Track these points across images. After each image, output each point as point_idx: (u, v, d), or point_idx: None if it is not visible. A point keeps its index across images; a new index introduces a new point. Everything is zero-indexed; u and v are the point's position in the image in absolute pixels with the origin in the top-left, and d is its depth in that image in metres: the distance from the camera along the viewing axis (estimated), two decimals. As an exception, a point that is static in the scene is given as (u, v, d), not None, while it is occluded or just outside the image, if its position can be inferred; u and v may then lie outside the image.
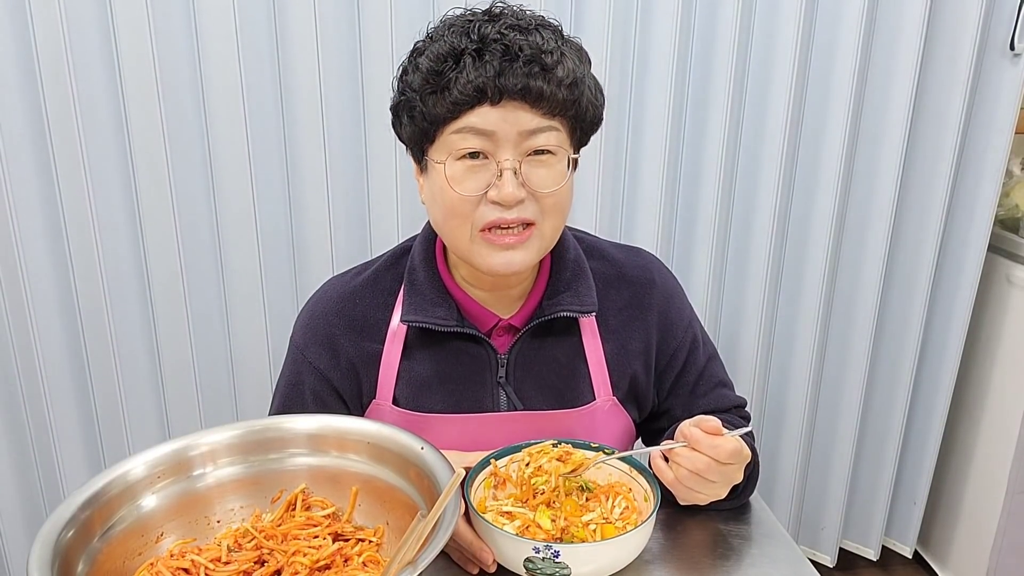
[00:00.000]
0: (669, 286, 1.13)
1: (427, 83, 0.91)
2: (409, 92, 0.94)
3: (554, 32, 0.95)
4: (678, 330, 1.11)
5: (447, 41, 0.91)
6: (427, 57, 0.92)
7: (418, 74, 0.92)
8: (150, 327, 1.65)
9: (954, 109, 1.68)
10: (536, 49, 0.89)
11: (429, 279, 1.05)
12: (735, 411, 1.15)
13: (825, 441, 1.97)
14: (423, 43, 0.95)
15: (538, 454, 0.97)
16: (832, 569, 2.07)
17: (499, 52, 0.89)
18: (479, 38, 0.90)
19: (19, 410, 1.64)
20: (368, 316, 1.07)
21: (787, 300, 1.85)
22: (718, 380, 1.14)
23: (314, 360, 1.07)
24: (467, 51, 0.89)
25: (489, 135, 0.91)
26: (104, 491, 0.85)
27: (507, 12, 0.94)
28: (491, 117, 0.90)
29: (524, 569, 0.87)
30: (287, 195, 1.61)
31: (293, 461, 0.96)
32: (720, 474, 0.91)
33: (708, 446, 0.90)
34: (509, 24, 0.91)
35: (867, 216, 1.77)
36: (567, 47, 0.94)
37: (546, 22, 0.96)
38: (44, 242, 1.55)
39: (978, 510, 1.94)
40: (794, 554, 0.99)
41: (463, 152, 0.92)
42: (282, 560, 0.87)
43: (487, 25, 0.91)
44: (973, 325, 1.85)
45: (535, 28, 0.92)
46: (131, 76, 1.48)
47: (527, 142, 0.92)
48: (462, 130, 0.91)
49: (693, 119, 1.70)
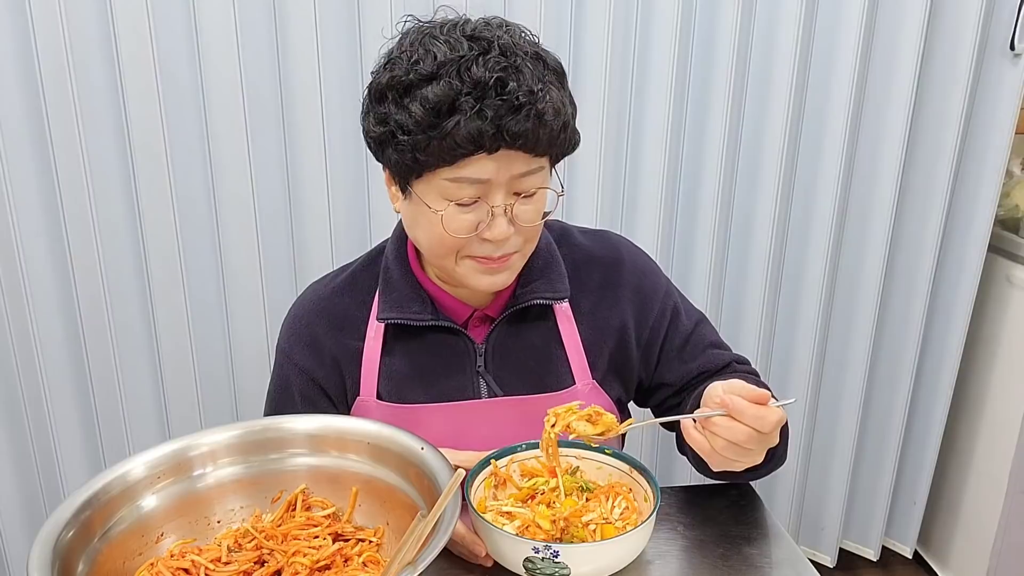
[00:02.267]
0: (640, 262, 1.14)
1: (420, 129, 0.88)
2: (396, 129, 0.90)
3: (535, 59, 0.91)
4: (654, 301, 1.12)
5: (439, 83, 0.87)
6: (418, 102, 0.87)
7: (407, 115, 0.88)
8: (150, 327, 1.65)
9: (954, 109, 1.67)
10: (528, 91, 0.87)
11: (403, 276, 1.07)
12: (738, 367, 1.13)
13: (825, 441, 1.97)
14: (404, 73, 0.89)
15: (566, 413, 0.94)
16: (832, 569, 2.07)
17: (496, 101, 0.86)
18: (473, 83, 0.86)
19: (19, 410, 1.64)
20: (348, 314, 1.09)
21: (787, 300, 1.85)
22: (708, 342, 1.14)
23: (300, 362, 1.09)
24: (462, 97, 0.86)
25: (484, 183, 0.91)
26: (104, 491, 0.85)
27: (492, 38, 0.90)
28: (488, 166, 0.90)
29: (524, 569, 0.87)
30: (287, 195, 1.61)
31: (293, 461, 0.96)
32: (760, 442, 0.86)
33: (752, 416, 0.84)
34: (498, 62, 0.87)
35: (867, 216, 1.77)
36: (549, 74, 0.92)
37: (525, 44, 0.92)
38: (44, 242, 1.55)
39: (978, 510, 1.94)
40: (794, 554, 0.99)
41: (459, 200, 0.92)
42: (282, 560, 0.87)
43: (478, 63, 0.87)
44: (973, 325, 1.85)
45: (522, 61, 0.89)
46: (131, 76, 1.48)
47: (518, 184, 0.93)
48: (458, 179, 0.90)
49: (693, 119, 1.70)
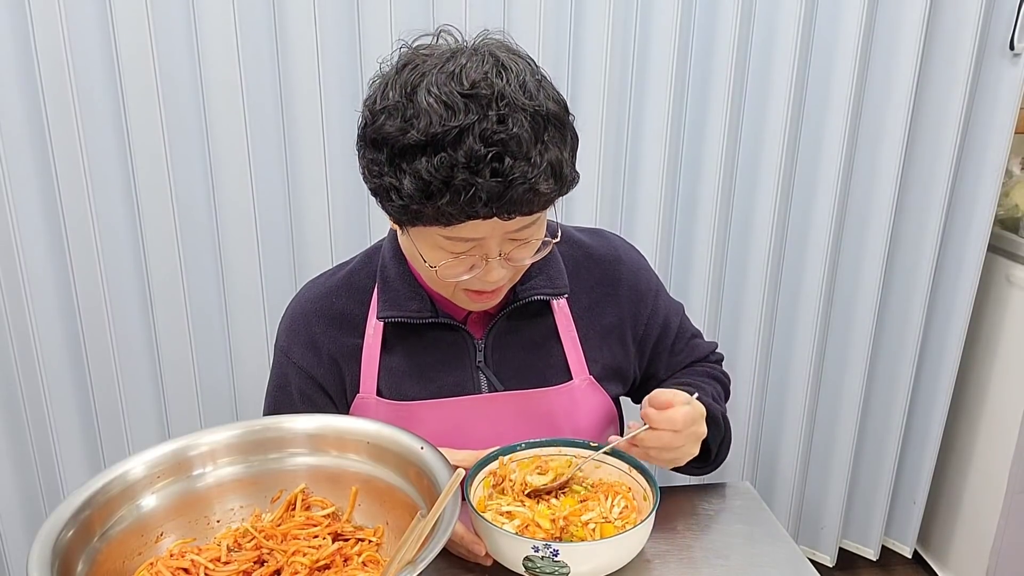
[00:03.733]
0: (634, 260, 1.16)
1: (412, 201, 0.85)
2: (389, 189, 0.88)
3: (533, 117, 0.85)
4: (648, 299, 1.14)
5: (432, 156, 0.83)
6: (411, 176, 0.84)
7: (400, 183, 0.86)
8: (150, 327, 1.65)
9: (954, 109, 1.67)
10: (524, 163, 0.84)
11: (400, 275, 1.07)
12: (712, 356, 1.24)
13: (825, 441, 1.97)
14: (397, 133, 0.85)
15: (519, 467, 0.99)
16: (832, 569, 2.07)
17: (491, 182, 0.83)
18: (467, 155, 0.82)
19: (19, 410, 1.64)
20: (346, 312, 1.09)
21: (787, 300, 1.85)
22: (690, 333, 1.21)
23: (298, 360, 1.09)
24: (456, 172, 0.83)
25: (478, 240, 0.90)
26: (104, 491, 0.85)
27: (491, 94, 0.84)
28: (482, 228, 0.88)
29: (523, 568, 0.87)
30: (287, 195, 1.61)
31: (293, 461, 0.96)
32: (683, 438, 0.96)
33: (663, 420, 0.95)
34: (495, 131, 0.83)
35: (867, 216, 1.77)
36: (549, 130, 0.87)
37: (524, 94, 0.85)
38: (44, 242, 1.55)
39: (978, 510, 1.94)
40: (794, 554, 0.99)
41: (454, 252, 0.92)
42: (282, 560, 0.87)
43: (472, 134, 0.82)
44: (973, 325, 1.85)
45: (519, 126, 0.84)
46: (131, 76, 1.48)
47: (514, 235, 0.92)
48: (452, 238, 0.90)
49: (693, 119, 1.70)
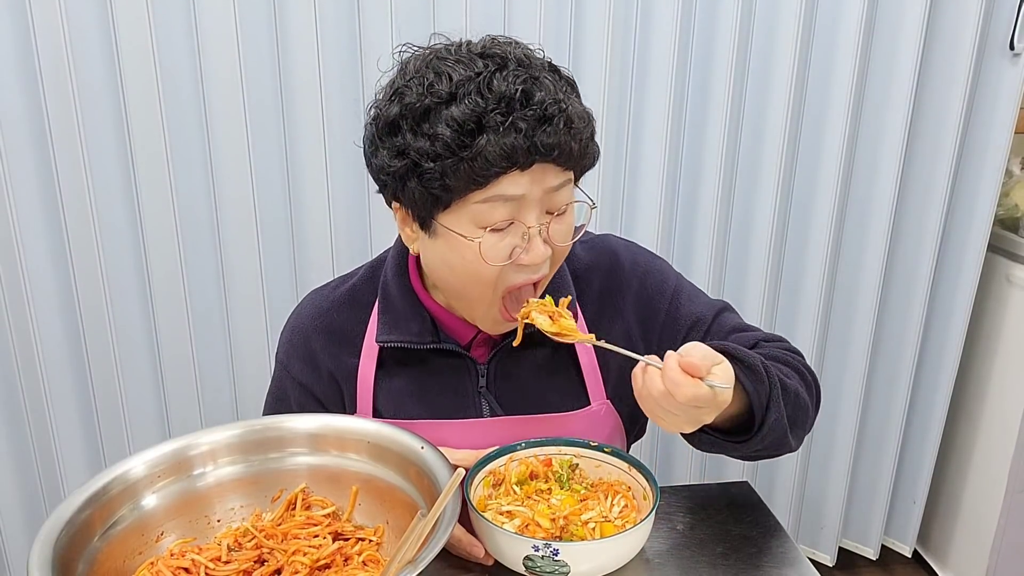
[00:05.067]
0: (640, 263, 1.08)
1: (449, 152, 0.83)
2: (419, 159, 0.84)
3: (552, 71, 0.88)
4: (660, 302, 1.06)
5: (461, 102, 0.83)
6: (443, 123, 0.83)
7: (431, 141, 0.83)
8: (150, 326, 1.65)
9: (954, 109, 1.67)
10: (555, 101, 0.84)
11: (403, 295, 1.02)
12: (765, 344, 1.03)
13: (825, 441, 1.97)
14: (418, 98, 0.84)
15: (537, 305, 0.93)
16: (832, 568, 2.07)
17: (525, 113, 0.82)
18: (498, 98, 0.82)
19: (19, 410, 1.64)
20: (346, 330, 1.05)
21: (787, 300, 1.85)
22: (729, 328, 1.05)
23: (297, 375, 1.07)
24: (489, 114, 0.82)
25: (518, 199, 0.86)
26: (104, 491, 0.85)
27: (505, 54, 0.86)
28: (521, 182, 0.85)
29: (523, 567, 0.87)
30: (287, 195, 1.61)
31: (293, 460, 0.96)
32: (680, 409, 0.81)
33: (669, 378, 0.79)
34: (517, 74, 0.84)
35: (867, 216, 1.77)
36: (567, 86, 0.89)
37: (541, 61, 0.89)
38: (44, 242, 1.55)
39: (978, 510, 1.94)
40: (794, 553, 0.99)
41: (493, 224, 0.87)
42: (282, 559, 0.87)
43: (497, 77, 0.84)
44: (973, 325, 1.85)
45: (541, 73, 0.86)
46: (131, 75, 1.48)
47: (550, 201, 0.89)
48: (491, 199, 0.85)
49: (693, 119, 1.70)
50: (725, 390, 0.81)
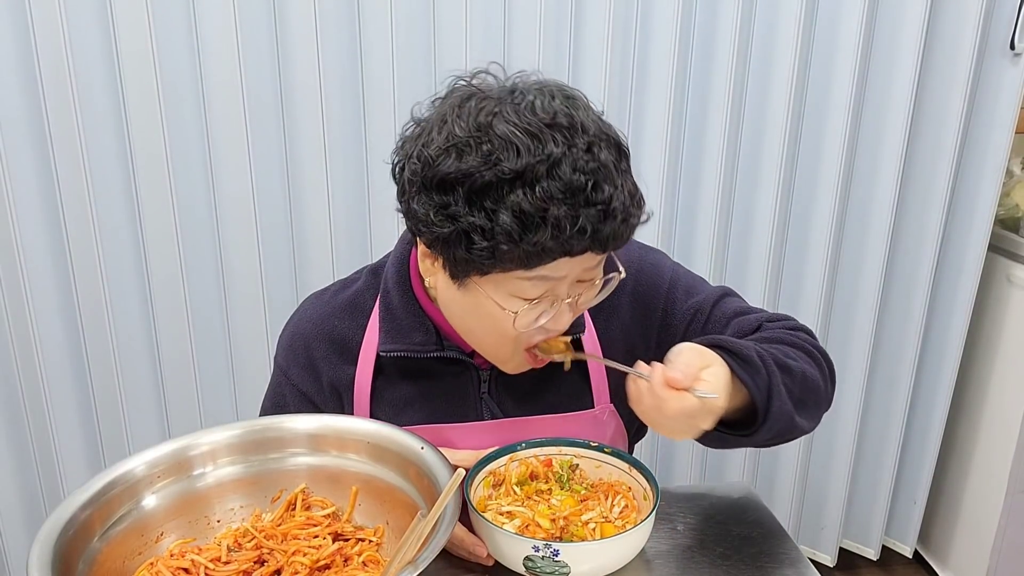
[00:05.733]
0: (633, 259, 1.06)
1: (507, 239, 0.79)
2: (472, 232, 0.80)
3: (608, 144, 0.83)
4: (657, 298, 1.05)
5: (528, 188, 0.78)
6: (508, 211, 0.79)
7: (491, 222, 0.79)
8: (150, 327, 1.65)
9: (954, 109, 1.67)
10: (618, 192, 0.81)
11: (405, 305, 1.00)
12: (769, 325, 1.01)
13: (825, 441, 1.97)
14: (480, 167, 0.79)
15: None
16: (832, 569, 2.07)
17: (591, 211, 0.79)
18: (564, 188, 0.78)
19: (19, 410, 1.64)
20: (346, 338, 1.04)
21: (787, 300, 1.85)
22: (730, 313, 1.03)
23: (297, 382, 1.06)
24: (555, 206, 0.78)
25: (559, 280, 0.86)
26: (104, 491, 0.85)
27: (571, 125, 0.81)
28: (566, 266, 0.84)
29: (524, 568, 0.87)
30: (287, 195, 1.61)
31: (293, 461, 0.96)
32: (672, 421, 0.81)
33: (655, 394, 0.80)
34: (586, 160, 0.80)
35: (867, 216, 1.77)
36: (622, 159, 0.85)
37: (595, 123, 0.83)
38: (44, 242, 1.55)
39: (978, 510, 1.94)
40: (794, 554, 0.99)
41: (529, 297, 0.86)
42: (282, 560, 0.87)
43: (566, 161, 0.79)
44: (973, 325, 1.85)
45: (604, 154, 0.82)
46: (131, 76, 1.48)
47: (585, 274, 0.89)
48: (534, 279, 0.84)
49: (693, 119, 1.70)
50: (715, 399, 0.80)
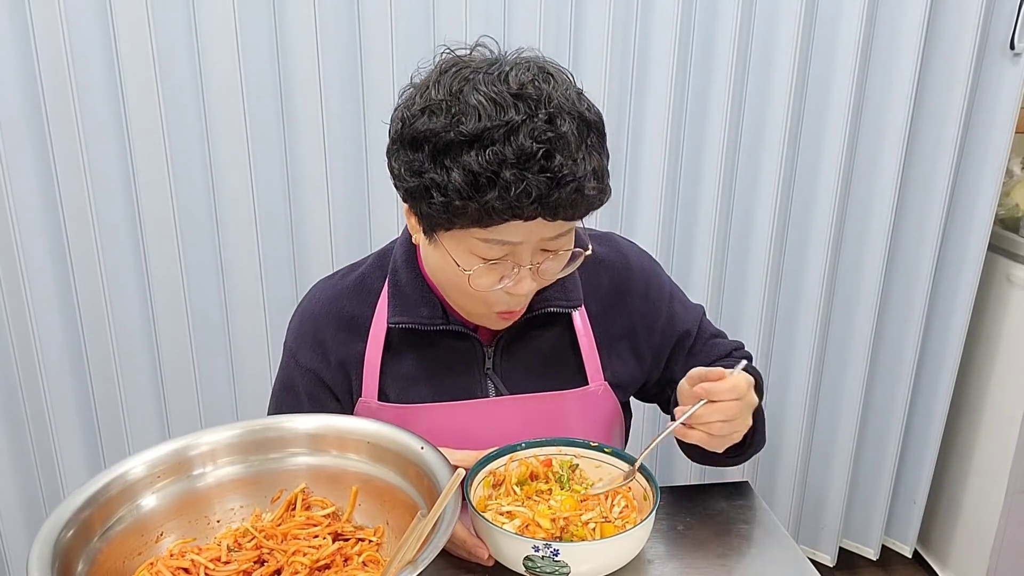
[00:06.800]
0: (645, 267, 1.14)
1: (458, 196, 0.84)
2: (431, 187, 0.85)
3: (578, 121, 0.86)
4: (660, 307, 1.12)
5: (481, 151, 0.82)
6: (460, 168, 0.83)
7: (446, 177, 0.84)
8: (150, 327, 1.65)
9: (954, 108, 1.67)
10: (572, 163, 0.84)
11: (412, 280, 1.05)
12: (736, 354, 1.17)
13: (825, 441, 1.97)
14: (444, 128, 0.83)
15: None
16: (832, 568, 2.07)
17: (540, 177, 0.82)
18: (517, 154, 0.82)
19: (19, 410, 1.64)
20: (356, 316, 1.07)
21: (787, 300, 1.85)
22: (709, 334, 1.17)
23: (306, 363, 1.08)
24: (505, 169, 0.82)
25: (515, 244, 0.89)
26: (104, 491, 0.85)
27: (539, 96, 0.84)
28: (520, 230, 0.87)
29: (524, 568, 0.87)
30: (287, 195, 1.61)
31: (293, 461, 0.96)
32: (746, 407, 0.94)
33: (726, 390, 0.92)
34: (543, 130, 0.83)
35: (867, 216, 1.77)
36: (591, 136, 0.88)
37: (569, 100, 0.86)
38: (44, 242, 1.55)
39: (978, 510, 1.94)
40: (794, 553, 0.99)
41: (488, 258, 0.90)
42: (282, 560, 0.87)
43: (523, 130, 0.82)
44: (973, 325, 1.85)
45: (567, 126, 0.84)
46: (131, 76, 1.48)
47: (547, 244, 0.91)
48: (489, 240, 0.88)
49: (693, 119, 1.70)
50: (743, 364, 0.97)
